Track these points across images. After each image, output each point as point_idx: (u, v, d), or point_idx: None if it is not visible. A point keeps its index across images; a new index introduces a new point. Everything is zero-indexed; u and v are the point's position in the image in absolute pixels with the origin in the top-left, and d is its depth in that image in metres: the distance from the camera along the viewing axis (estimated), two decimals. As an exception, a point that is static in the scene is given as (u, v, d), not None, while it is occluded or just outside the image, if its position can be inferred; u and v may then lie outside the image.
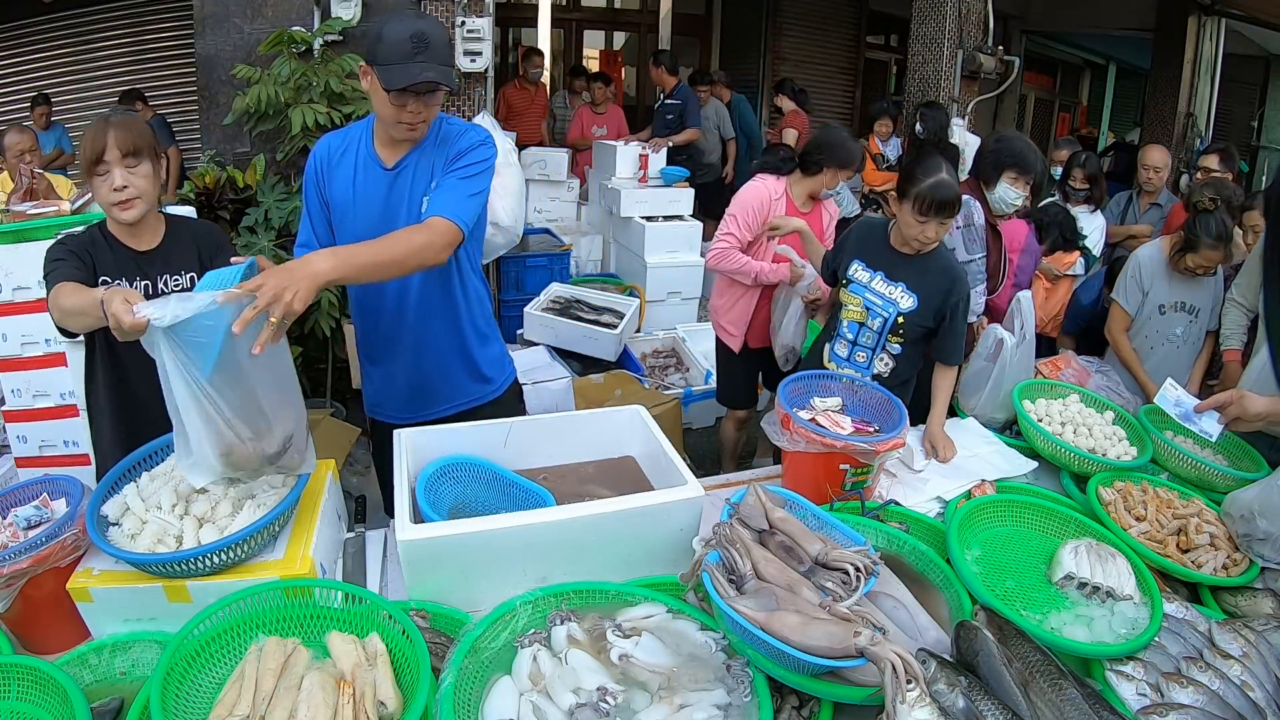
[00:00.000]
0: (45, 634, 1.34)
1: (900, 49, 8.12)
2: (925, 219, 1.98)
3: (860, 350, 2.21)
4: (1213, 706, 1.23)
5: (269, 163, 3.81)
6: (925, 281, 2.09)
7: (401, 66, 1.57)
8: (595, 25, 8.30)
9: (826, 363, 2.27)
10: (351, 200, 1.78)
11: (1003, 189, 2.46)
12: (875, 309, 2.13)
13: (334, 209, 1.81)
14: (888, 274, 2.12)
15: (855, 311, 2.17)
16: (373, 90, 1.65)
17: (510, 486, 1.62)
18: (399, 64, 1.57)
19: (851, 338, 2.21)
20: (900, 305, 2.10)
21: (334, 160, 1.79)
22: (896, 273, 2.11)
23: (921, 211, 1.97)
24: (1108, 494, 1.77)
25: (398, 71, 1.57)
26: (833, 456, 1.67)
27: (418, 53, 1.58)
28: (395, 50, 1.57)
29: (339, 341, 3.56)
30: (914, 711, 1.04)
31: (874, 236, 2.20)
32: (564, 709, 1.07)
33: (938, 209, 1.95)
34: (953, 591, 1.35)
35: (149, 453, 1.47)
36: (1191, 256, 2.72)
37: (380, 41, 1.59)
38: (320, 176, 1.81)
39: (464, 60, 4.11)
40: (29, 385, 2.76)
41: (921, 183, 1.95)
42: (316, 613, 1.24)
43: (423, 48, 1.58)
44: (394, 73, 1.57)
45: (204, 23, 4.02)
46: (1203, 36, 7.42)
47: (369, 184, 1.77)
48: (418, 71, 1.57)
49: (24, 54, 5.27)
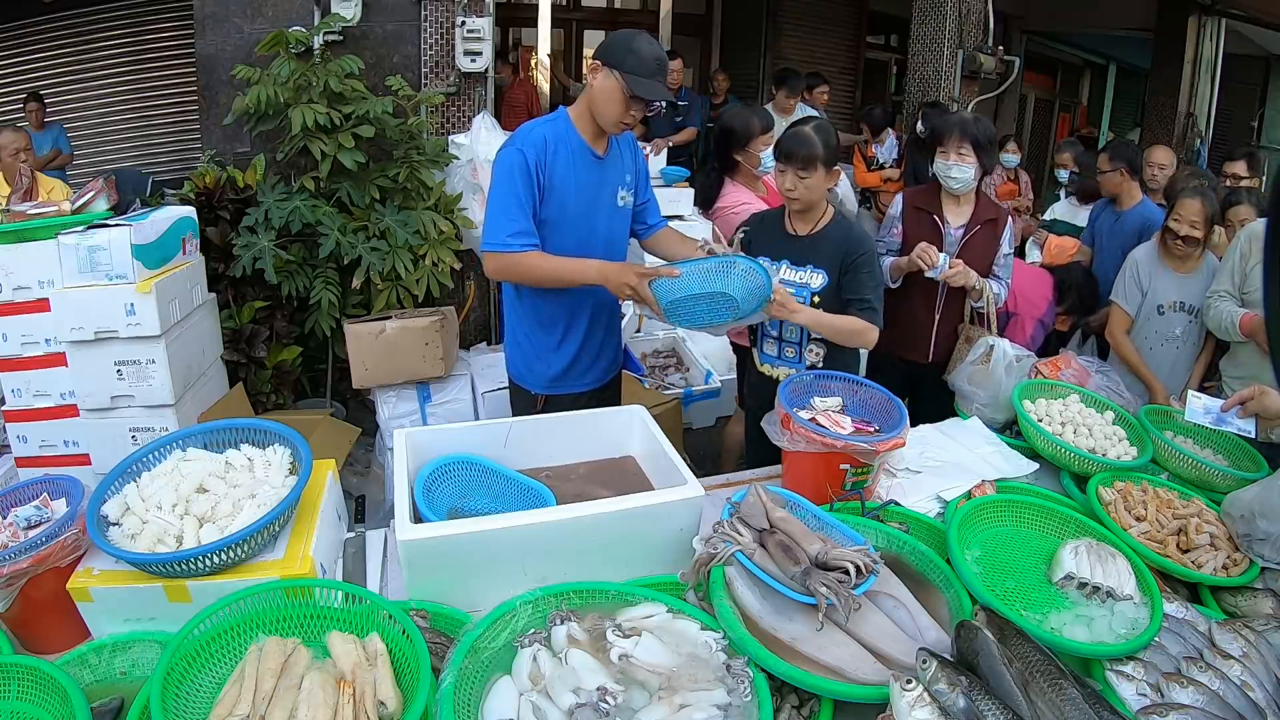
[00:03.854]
0: (45, 634, 1.34)
1: (900, 49, 8.12)
2: (784, 169, 2.10)
3: (788, 345, 2.21)
4: (1213, 706, 1.22)
5: (269, 163, 3.81)
6: (825, 252, 2.11)
7: (650, 82, 1.89)
8: (595, 25, 8.29)
9: (760, 366, 2.27)
10: (572, 186, 2.00)
11: (939, 166, 2.54)
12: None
13: (551, 194, 1.98)
14: (792, 259, 2.14)
15: None
16: (602, 87, 1.92)
17: (511, 485, 1.62)
18: (647, 79, 1.88)
19: (776, 334, 2.22)
20: (812, 285, 2.11)
21: (552, 151, 1.96)
22: (799, 255, 2.14)
23: (778, 158, 2.12)
24: (1108, 494, 1.77)
25: (647, 86, 1.88)
26: (833, 456, 1.67)
27: (658, 74, 1.91)
28: (645, 66, 1.88)
29: (339, 341, 3.56)
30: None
31: (768, 227, 2.22)
32: (564, 709, 1.07)
33: (788, 157, 2.09)
34: (953, 591, 1.35)
35: (149, 452, 1.47)
36: (1174, 221, 2.74)
37: (631, 54, 1.88)
38: (539, 166, 1.95)
39: (464, 60, 4.11)
40: (29, 385, 2.76)
41: (785, 133, 2.12)
42: (316, 613, 1.24)
43: (661, 72, 1.92)
44: (645, 86, 1.88)
45: (204, 23, 4.02)
46: (1203, 36, 7.43)
47: (586, 171, 2.02)
48: (662, 91, 1.91)
49: (23, 54, 5.26)
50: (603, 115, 1.95)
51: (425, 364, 3.30)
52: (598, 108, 1.95)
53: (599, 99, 1.94)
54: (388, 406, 3.30)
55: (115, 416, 2.76)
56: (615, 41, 1.92)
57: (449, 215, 3.85)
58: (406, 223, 3.62)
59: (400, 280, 3.62)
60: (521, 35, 8.04)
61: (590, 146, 2.02)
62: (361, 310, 3.70)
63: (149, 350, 2.69)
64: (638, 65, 1.87)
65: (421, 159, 3.76)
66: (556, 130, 1.99)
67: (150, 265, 2.73)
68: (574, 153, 1.99)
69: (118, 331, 2.65)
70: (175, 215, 2.95)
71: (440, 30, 4.14)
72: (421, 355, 3.29)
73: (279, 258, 3.41)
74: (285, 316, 3.58)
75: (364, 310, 3.70)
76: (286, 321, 3.58)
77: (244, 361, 3.40)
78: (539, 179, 1.95)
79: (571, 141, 1.99)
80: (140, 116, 5.34)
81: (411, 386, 3.37)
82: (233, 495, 1.39)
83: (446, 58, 4.16)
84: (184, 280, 2.91)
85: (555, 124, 2.02)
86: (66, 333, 2.64)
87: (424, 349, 3.29)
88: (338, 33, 3.94)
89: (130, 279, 2.65)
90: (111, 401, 2.73)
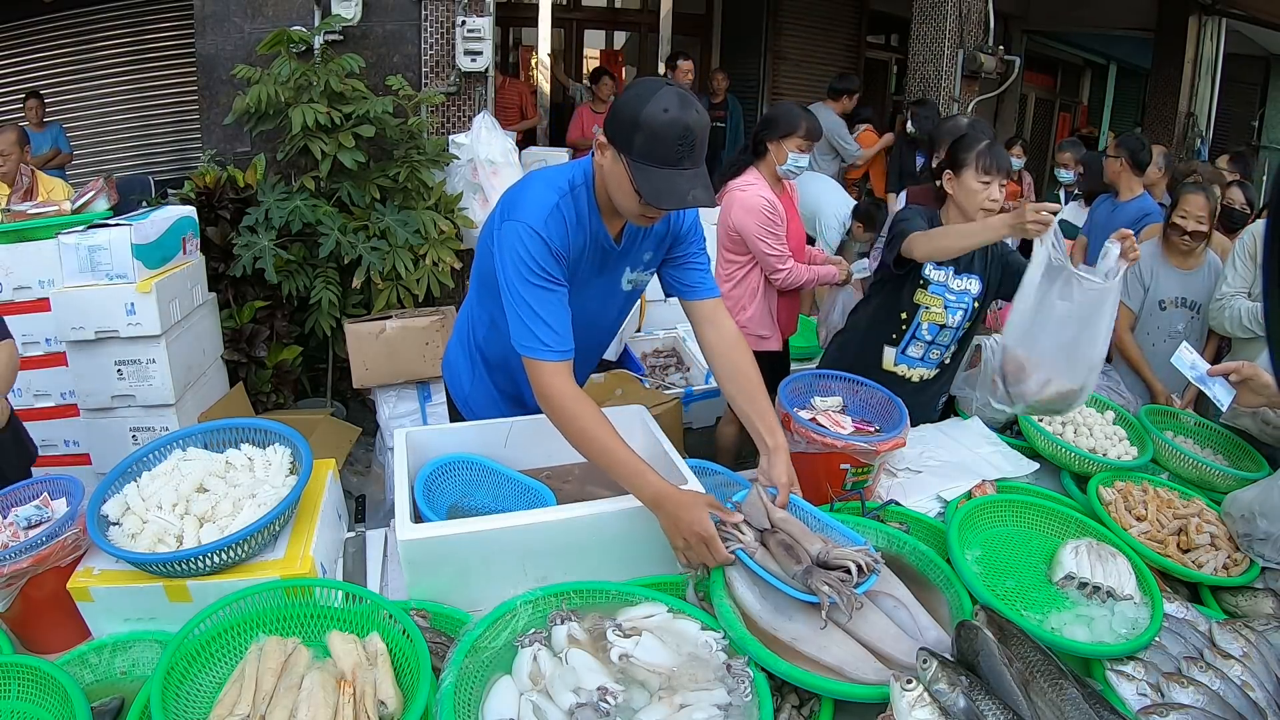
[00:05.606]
0: (45, 633, 1.34)
1: (901, 49, 8.12)
2: (989, 178, 2.03)
3: (935, 349, 2.20)
4: (1213, 706, 1.22)
5: (269, 162, 3.81)
6: (978, 259, 2.12)
7: (665, 176, 1.32)
8: (596, 25, 8.28)
9: (893, 366, 2.22)
10: (588, 279, 1.58)
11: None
12: (953, 305, 2.13)
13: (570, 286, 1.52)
14: (955, 268, 2.13)
15: (937, 314, 2.14)
16: (611, 172, 1.40)
17: (511, 485, 1.62)
18: (660, 168, 1.32)
19: (930, 339, 2.19)
20: (972, 292, 2.13)
21: (575, 234, 1.50)
22: (960, 263, 2.12)
23: (985, 170, 2.03)
24: (1108, 494, 1.77)
25: (660, 181, 1.32)
26: (833, 456, 1.67)
27: (683, 157, 1.32)
28: (657, 148, 1.31)
29: (339, 341, 3.56)
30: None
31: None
32: (564, 709, 1.07)
33: (998, 169, 2.02)
34: (953, 591, 1.35)
35: (149, 452, 1.47)
36: (1179, 217, 2.77)
37: (637, 129, 1.31)
38: (568, 254, 1.49)
39: (464, 60, 4.12)
40: (29, 385, 2.77)
41: (978, 144, 2.04)
42: (317, 612, 1.24)
43: (688, 150, 1.32)
44: (655, 181, 1.32)
45: (204, 23, 4.02)
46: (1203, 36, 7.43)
47: (602, 261, 1.58)
48: (686, 190, 1.32)
49: (23, 54, 5.26)
50: (620, 206, 1.44)
51: (425, 364, 3.30)
52: (613, 194, 1.44)
53: (611, 185, 1.43)
54: (388, 406, 3.30)
55: (115, 416, 2.76)
56: (622, 108, 1.35)
57: (449, 215, 3.85)
58: (407, 222, 3.62)
59: (400, 280, 3.63)
60: (521, 35, 8.03)
61: (608, 232, 1.54)
62: (362, 310, 3.71)
63: (149, 350, 2.70)
64: (648, 147, 1.31)
65: (422, 159, 3.76)
66: (574, 206, 1.48)
67: (150, 265, 2.73)
68: (591, 239, 1.53)
69: (118, 331, 2.65)
70: (175, 215, 2.96)
71: (440, 30, 4.14)
72: (421, 355, 3.30)
73: (279, 257, 3.41)
74: (285, 316, 3.58)
75: (364, 310, 3.70)
76: (287, 321, 3.58)
77: (244, 361, 3.40)
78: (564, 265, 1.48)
79: (591, 225, 1.51)
80: (140, 116, 5.33)
81: (411, 386, 3.38)
82: (233, 495, 1.39)
83: (447, 57, 4.16)
84: (184, 280, 2.91)
85: (567, 199, 1.47)
86: (67, 332, 2.64)
87: (424, 349, 3.30)
88: (338, 32, 3.94)
89: (130, 279, 2.66)
90: (112, 401, 2.73)
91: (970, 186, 2.05)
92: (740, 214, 2.70)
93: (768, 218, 2.66)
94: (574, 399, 1.44)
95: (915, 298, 2.16)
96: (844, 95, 5.36)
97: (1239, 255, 2.68)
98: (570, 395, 1.44)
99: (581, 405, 1.43)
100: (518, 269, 1.43)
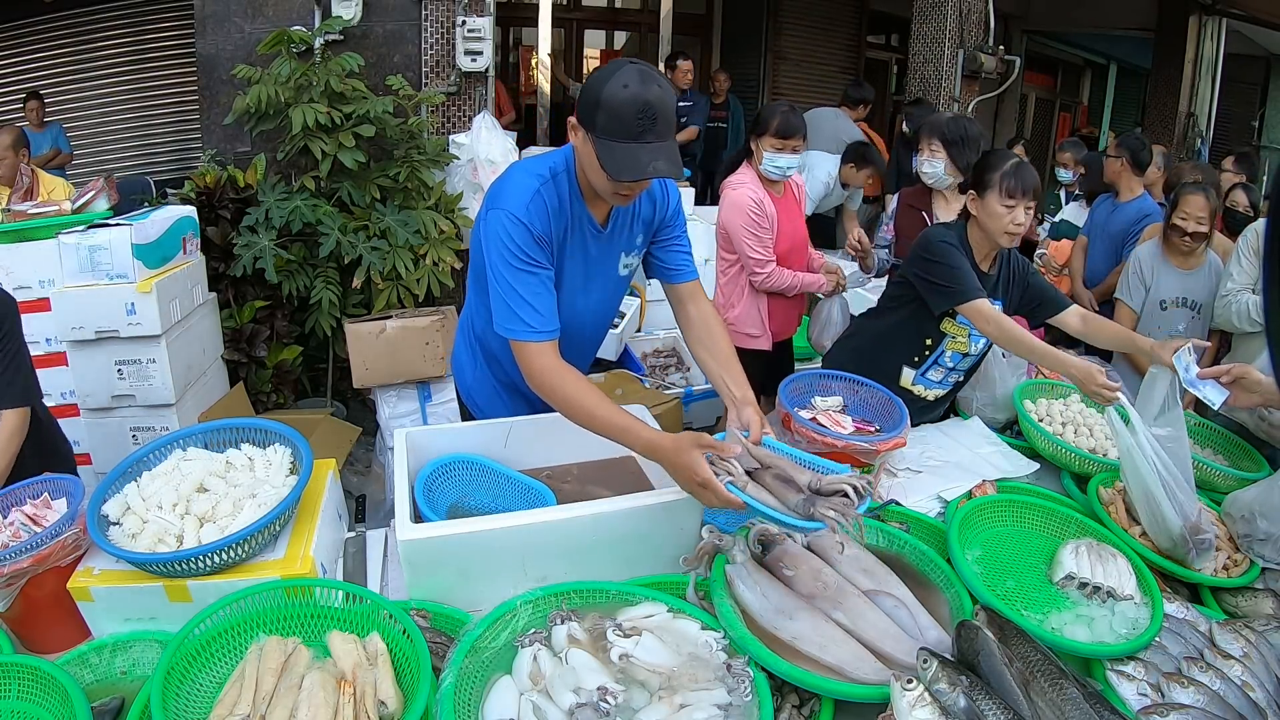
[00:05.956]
0: (46, 633, 1.34)
1: (901, 49, 8.12)
2: (1014, 201, 1.93)
3: (955, 374, 2.18)
4: (1213, 706, 1.22)
5: (270, 162, 3.82)
6: (1003, 282, 2.08)
7: (627, 149, 1.35)
8: (596, 25, 8.28)
9: (910, 385, 2.18)
10: (578, 264, 1.61)
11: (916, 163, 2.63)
12: (976, 334, 2.07)
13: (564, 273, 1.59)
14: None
15: (961, 343, 2.10)
16: (581, 151, 1.45)
17: (511, 485, 1.62)
18: (622, 142, 1.35)
19: (952, 365, 2.15)
20: None
21: (557, 219, 1.53)
22: (985, 288, 2.02)
23: (1009, 193, 1.93)
24: (1108, 494, 1.77)
25: (623, 155, 1.35)
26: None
27: (644, 131, 1.35)
28: (618, 124, 1.34)
29: (339, 341, 3.57)
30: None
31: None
32: (564, 708, 1.07)
33: (1024, 191, 1.93)
34: (953, 591, 1.35)
35: (149, 452, 1.47)
36: (1180, 218, 2.77)
37: (599, 108, 1.35)
38: (551, 238, 1.52)
39: (464, 60, 4.12)
40: (29, 385, 2.76)
41: (1002, 165, 1.96)
42: (317, 612, 1.23)
43: (650, 124, 1.34)
44: (618, 156, 1.35)
45: (204, 23, 4.02)
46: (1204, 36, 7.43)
47: (586, 245, 1.60)
48: (647, 161, 1.35)
49: (23, 53, 5.26)
50: (595, 185, 1.48)
51: (425, 363, 3.31)
52: (588, 175, 1.48)
53: (585, 165, 1.47)
54: (388, 406, 3.30)
55: (115, 416, 2.76)
56: (587, 90, 1.40)
57: (449, 215, 3.85)
58: (407, 222, 3.62)
59: (401, 280, 3.63)
60: (522, 35, 8.03)
61: (591, 216, 1.58)
62: (362, 310, 3.71)
63: (149, 350, 2.70)
64: (609, 124, 1.35)
65: (422, 159, 3.77)
66: (555, 191, 1.52)
67: (150, 265, 2.73)
68: (573, 223, 1.56)
69: (118, 331, 2.65)
70: (175, 215, 2.96)
71: (440, 30, 4.14)
72: (422, 355, 3.30)
73: (279, 257, 3.41)
74: (286, 316, 3.59)
75: (364, 310, 3.70)
76: (287, 321, 3.59)
77: (244, 361, 3.40)
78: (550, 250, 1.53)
79: (574, 209, 1.55)
80: (140, 116, 5.34)
81: (412, 386, 3.38)
82: (233, 495, 1.39)
83: (447, 57, 4.16)
84: (184, 280, 2.91)
85: (549, 184, 1.51)
86: (67, 332, 2.64)
87: (424, 348, 3.30)
88: (338, 33, 3.94)
89: (130, 279, 2.66)
90: (112, 401, 2.73)
91: (994, 210, 1.95)
92: (727, 211, 2.72)
93: (752, 217, 2.66)
94: (558, 372, 1.47)
95: (942, 326, 2.09)
96: (860, 104, 5.37)
97: (1243, 251, 2.69)
98: (554, 369, 1.47)
99: (566, 374, 1.47)
100: (501, 255, 1.47)
